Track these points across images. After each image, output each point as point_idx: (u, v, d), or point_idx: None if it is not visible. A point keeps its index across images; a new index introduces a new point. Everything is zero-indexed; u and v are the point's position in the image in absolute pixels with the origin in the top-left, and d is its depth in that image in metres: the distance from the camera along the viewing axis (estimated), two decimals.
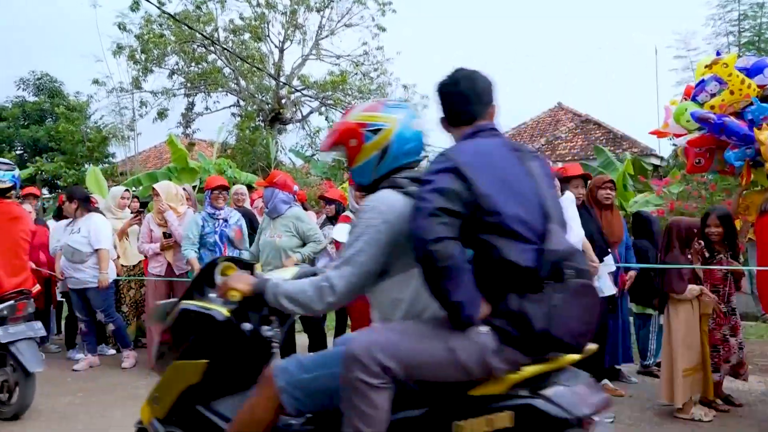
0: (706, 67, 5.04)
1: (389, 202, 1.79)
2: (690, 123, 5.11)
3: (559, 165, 11.03)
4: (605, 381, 4.62)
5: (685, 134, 5.29)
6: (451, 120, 1.95)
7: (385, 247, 1.76)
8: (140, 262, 6.37)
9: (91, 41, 41.56)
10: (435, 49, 50.97)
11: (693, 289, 3.98)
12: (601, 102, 46.56)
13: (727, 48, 15.99)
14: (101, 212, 6.08)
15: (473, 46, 52.46)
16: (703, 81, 5.09)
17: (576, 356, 1.73)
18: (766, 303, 4.05)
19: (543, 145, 21.44)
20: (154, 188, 5.85)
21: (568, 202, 3.95)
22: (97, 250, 5.52)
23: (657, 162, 17.30)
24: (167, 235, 5.60)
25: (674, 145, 5.48)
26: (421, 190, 1.69)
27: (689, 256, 4.10)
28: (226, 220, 5.33)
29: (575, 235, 3.87)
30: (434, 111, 2.03)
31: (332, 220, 5.54)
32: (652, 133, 6.22)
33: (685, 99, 5.36)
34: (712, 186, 8.21)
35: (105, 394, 4.93)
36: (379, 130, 1.89)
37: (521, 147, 1.91)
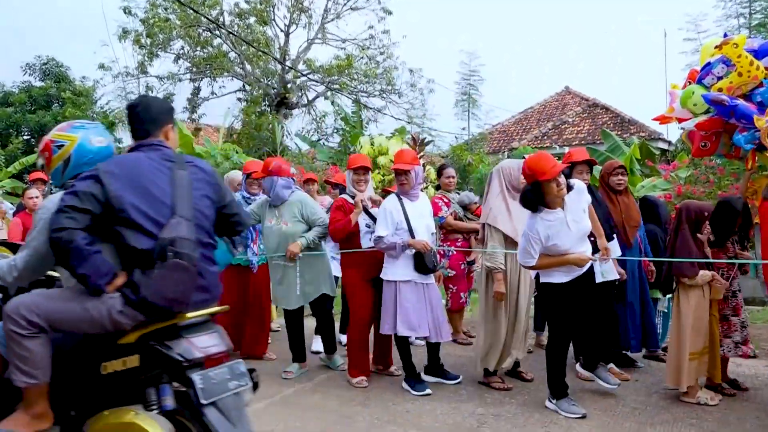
0: (716, 47, 4.96)
1: (55, 201, 2.26)
2: (697, 106, 5.05)
3: (566, 150, 10.96)
4: (611, 365, 4.63)
5: (690, 118, 5.23)
6: (132, 135, 2.47)
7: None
8: None
9: (97, 25, 41.48)
10: (441, 32, 50.65)
11: (705, 275, 3.96)
12: (609, 86, 46.18)
13: (738, 30, 15.81)
14: None
15: (480, 29, 52.04)
16: (709, 64, 5.02)
17: (195, 314, 2.25)
18: None
19: (550, 129, 21.31)
20: None
21: (579, 193, 3.90)
22: None
23: (665, 146, 17.18)
24: None
25: (681, 128, 5.39)
26: (64, 192, 2.24)
27: (699, 239, 4.07)
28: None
29: (583, 227, 3.86)
30: (441, 95, 2.06)
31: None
32: (656, 119, 6.15)
33: (690, 83, 5.30)
34: (720, 170, 8.14)
35: None
36: (62, 146, 2.47)
37: (177, 158, 2.39)
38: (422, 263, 4.31)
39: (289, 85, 21.06)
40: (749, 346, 4.27)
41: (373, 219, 4.61)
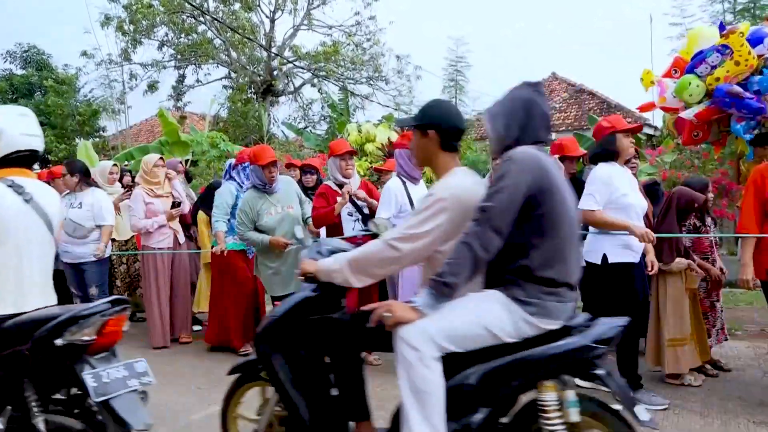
0: (722, 36, 4.89)
1: None
2: (692, 97, 5.02)
3: (553, 137, 10.96)
4: None
5: (679, 108, 5.24)
6: None
7: None
8: (132, 236, 6.35)
9: (79, 12, 40.78)
10: (428, 18, 50.41)
11: (680, 262, 4.01)
12: (596, 71, 46.31)
13: (722, 15, 15.90)
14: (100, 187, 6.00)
15: (467, 15, 51.86)
16: (702, 52, 4.99)
17: None
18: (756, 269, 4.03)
19: None
20: (161, 158, 5.76)
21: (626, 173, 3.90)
22: (99, 226, 5.45)
23: (650, 131, 17.30)
24: (176, 204, 5.61)
25: (680, 116, 5.39)
26: None
27: (683, 228, 4.13)
28: None
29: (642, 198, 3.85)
30: (429, 81, 2.07)
31: (310, 190, 5.38)
32: (641, 108, 6.17)
33: (675, 70, 5.30)
34: (704, 155, 8.22)
35: None
36: None
37: None
38: None
39: (275, 73, 20.90)
40: (724, 331, 4.42)
41: (356, 207, 4.61)
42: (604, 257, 3.73)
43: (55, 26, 41.48)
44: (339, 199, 4.53)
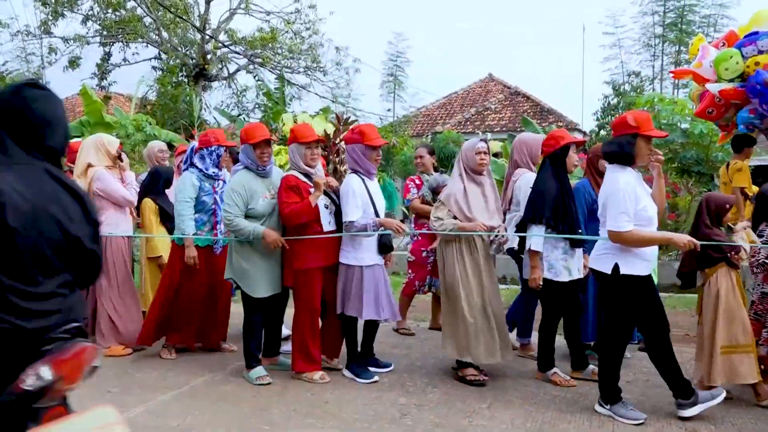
0: None
1: None
2: (728, 71, 4.86)
3: (488, 134, 11.01)
4: (555, 370, 4.30)
5: (709, 80, 5.07)
6: None
7: None
8: None
9: None
10: (369, 11, 50.22)
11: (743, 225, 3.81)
12: (530, 75, 47.61)
13: (653, 27, 16.56)
14: None
15: (407, 10, 52.02)
16: (756, 33, 4.86)
17: None
18: None
19: (473, 115, 21.62)
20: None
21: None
22: None
23: (580, 136, 17.83)
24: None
25: (707, 86, 5.10)
26: None
27: (718, 231, 3.83)
28: (225, 182, 4.72)
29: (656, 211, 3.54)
30: (367, 75, 1.84)
31: None
32: (675, 72, 6.12)
33: (723, 43, 5.15)
34: None
35: None
36: None
37: None
38: (387, 243, 4.16)
39: (208, 56, 20.14)
40: None
41: (330, 198, 4.25)
42: (616, 267, 3.43)
43: None
44: (311, 190, 4.09)
